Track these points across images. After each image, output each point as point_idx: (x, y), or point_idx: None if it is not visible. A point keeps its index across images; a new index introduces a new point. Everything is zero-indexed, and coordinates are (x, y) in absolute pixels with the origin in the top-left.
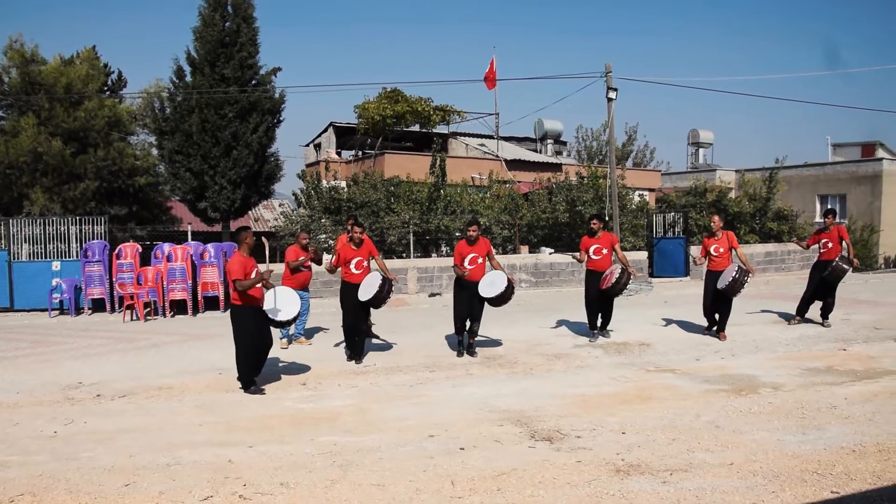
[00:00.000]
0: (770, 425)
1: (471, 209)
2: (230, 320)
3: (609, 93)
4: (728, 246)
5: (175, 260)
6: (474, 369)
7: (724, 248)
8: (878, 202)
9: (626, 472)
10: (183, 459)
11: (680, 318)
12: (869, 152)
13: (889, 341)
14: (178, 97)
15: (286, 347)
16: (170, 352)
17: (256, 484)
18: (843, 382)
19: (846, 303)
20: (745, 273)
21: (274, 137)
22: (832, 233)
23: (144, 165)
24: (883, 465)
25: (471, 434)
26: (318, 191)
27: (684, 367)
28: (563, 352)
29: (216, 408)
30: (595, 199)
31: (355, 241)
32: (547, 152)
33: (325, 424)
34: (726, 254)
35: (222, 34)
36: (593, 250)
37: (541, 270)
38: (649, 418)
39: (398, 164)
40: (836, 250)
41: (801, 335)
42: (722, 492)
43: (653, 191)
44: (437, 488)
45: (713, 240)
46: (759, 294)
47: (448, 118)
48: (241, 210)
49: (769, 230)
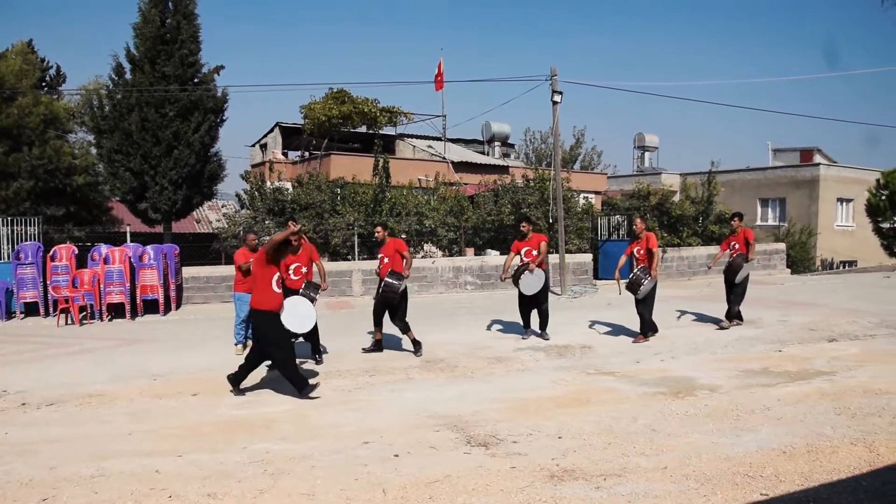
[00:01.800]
0: (705, 428)
1: (416, 211)
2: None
3: (554, 96)
4: (647, 247)
5: (112, 262)
6: (414, 373)
7: (643, 249)
8: (816, 206)
9: (560, 478)
10: (108, 470)
11: (622, 321)
12: (807, 157)
13: (823, 342)
14: (118, 95)
15: (241, 354)
16: (104, 357)
17: (183, 495)
18: (777, 384)
19: (783, 304)
20: (646, 272)
21: (217, 137)
22: (739, 235)
23: (83, 165)
24: (811, 466)
25: (406, 440)
26: (261, 192)
27: (624, 369)
28: (504, 355)
29: (148, 415)
30: (540, 201)
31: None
32: (494, 154)
33: (259, 431)
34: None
35: (162, 31)
36: (524, 252)
37: (486, 273)
38: (587, 422)
39: (344, 166)
40: (744, 251)
41: (740, 336)
42: (654, 496)
43: (599, 193)
44: (369, 497)
45: (636, 242)
46: (700, 296)
47: (395, 119)
48: (183, 211)
49: (711, 233)
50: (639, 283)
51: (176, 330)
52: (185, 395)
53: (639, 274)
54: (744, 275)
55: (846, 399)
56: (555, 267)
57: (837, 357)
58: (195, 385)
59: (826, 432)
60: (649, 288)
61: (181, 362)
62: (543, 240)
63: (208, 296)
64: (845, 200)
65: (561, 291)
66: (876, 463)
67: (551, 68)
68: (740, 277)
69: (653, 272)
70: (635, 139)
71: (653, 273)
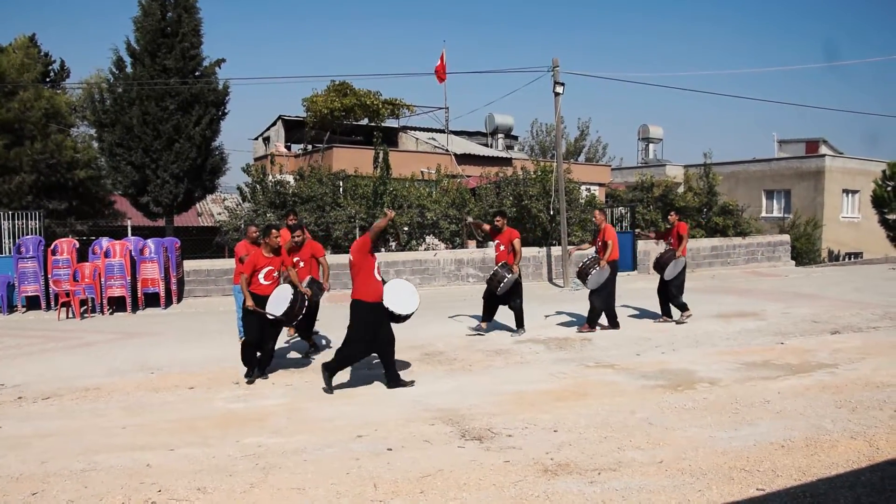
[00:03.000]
0: (703, 421)
1: (418, 203)
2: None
3: (556, 87)
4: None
5: (113, 256)
6: (413, 366)
7: (600, 240)
8: (821, 197)
9: (554, 473)
10: (99, 465)
11: (623, 313)
12: (813, 149)
13: (825, 334)
14: (119, 88)
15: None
16: (103, 351)
17: (172, 489)
18: (777, 377)
19: (787, 297)
20: (596, 262)
21: (218, 130)
22: (672, 231)
23: (85, 159)
24: (809, 461)
25: (401, 434)
26: (263, 185)
27: (624, 362)
28: (503, 348)
29: (143, 409)
30: (542, 193)
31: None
32: (498, 147)
33: (253, 425)
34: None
35: (163, 24)
36: (496, 245)
37: (488, 265)
38: (583, 415)
39: (347, 158)
40: (675, 246)
41: (742, 329)
42: (649, 491)
43: (603, 185)
44: (359, 491)
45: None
46: (704, 288)
47: (397, 112)
48: (185, 205)
49: (715, 225)
50: (586, 273)
51: (176, 323)
52: (182, 388)
53: (587, 263)
54: (675, 270)
55: (847, 392)
56: (557, 259)
57: (840, 349)
58: (193, 379)
59: (826, 426)
60: (601, 279)
61: (180, 356)
62: (516, 237)
63: (210, 289)
64: (851, 192)
65: (563, 284)
66: (875, 457)
67: (553, 59)
68: (669, 273)
69: (602, 263)
70: (640, 131)
71: (602, 263)
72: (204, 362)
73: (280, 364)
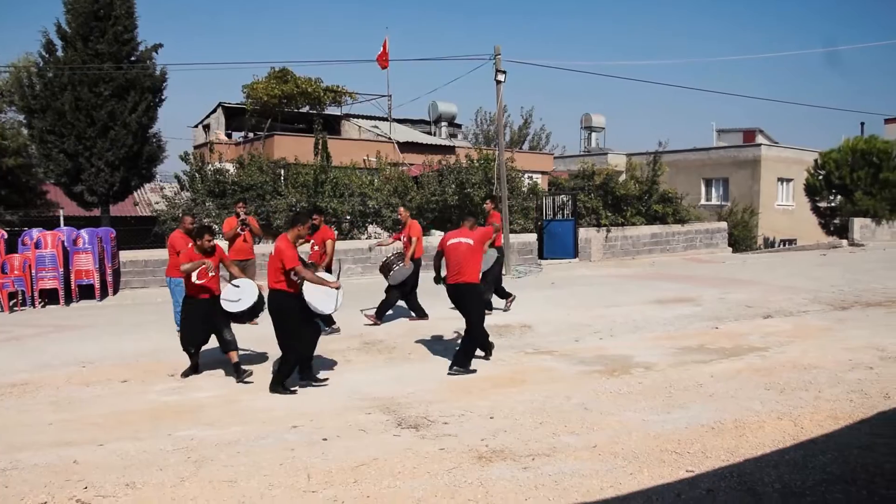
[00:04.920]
0: (637, 405)
1: (360, 192)
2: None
3: (497, 75)
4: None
5: (45, 247)
6: (352, 356)
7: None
8: (758, 186)
9: (488, 459)
10: (22, 463)
11: (564, 300)
12: (750, 138)
13: (758, 319)
14: (49, 73)
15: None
16: (32, 345)
17: (99, 486)
18: (711, 360)
19: (723, 282)
20: (400, 258)
21: (156, 117)
22: (404, 231)
23: (13, 146)
24: (737, 442)
25: (336, 423)
26: (202, 173)
27: (563, 348)
28: (443, 335)
29: (73, 404)
30: (484, 181)
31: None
32: (441, 135)
33: (186, 417)
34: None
35: (96, 7)
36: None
37: (430, 254)
38: (520, 402)
39: (288, 146)
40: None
41: (679, 314)
42: (581, 475)
43: (546, 174)
44: (292, 483)
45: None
46: (644, 275)
47: (339, 100)
48: (121, 194)
49: (654, 212)
50: (389, 268)
51: (111, 315)
52: (115, 381)
53: (391, 258)
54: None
55: (776, 374)
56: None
57: (771, 333)
58: (126, 371)
59: (755, 407)
60: (403, 274)
61: (114, 348)
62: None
63: (147, 280)
64: (785, 180)
65: (505, 271)
66: (800, 437)
67: (495, 47)
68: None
69: (406, 260)
70: (582, 120)
71: (406, 261)
72: (139, 354)
73: (218, 357)
